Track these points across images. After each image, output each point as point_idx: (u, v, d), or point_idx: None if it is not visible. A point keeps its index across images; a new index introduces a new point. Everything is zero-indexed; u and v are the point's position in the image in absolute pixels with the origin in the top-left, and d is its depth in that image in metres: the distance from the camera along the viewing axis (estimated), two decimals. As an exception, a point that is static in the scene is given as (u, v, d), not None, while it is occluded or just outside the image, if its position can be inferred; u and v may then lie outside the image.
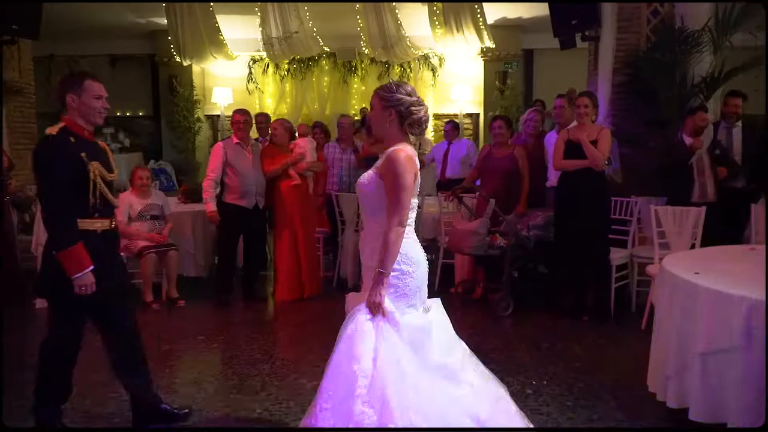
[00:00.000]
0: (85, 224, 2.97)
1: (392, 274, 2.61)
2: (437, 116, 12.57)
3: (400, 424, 2.38)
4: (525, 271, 5.92)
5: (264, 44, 10.60)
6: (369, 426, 2.38)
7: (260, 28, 10.36)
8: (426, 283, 2.77)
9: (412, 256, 2.68)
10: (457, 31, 10.35)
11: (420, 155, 9.49)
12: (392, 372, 2.45)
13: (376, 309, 2.56)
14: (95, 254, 2.96)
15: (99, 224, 3.03)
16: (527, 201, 5.77)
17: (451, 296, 6.01)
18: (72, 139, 2.98)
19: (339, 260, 6.52)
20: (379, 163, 2.71)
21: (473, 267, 6.01)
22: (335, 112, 10.85)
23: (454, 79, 12.19)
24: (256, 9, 10.11)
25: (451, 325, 2.84)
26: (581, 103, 5.15)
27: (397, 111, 2.68)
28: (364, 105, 12.01)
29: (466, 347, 2.88)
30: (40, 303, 5.73)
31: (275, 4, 9.98)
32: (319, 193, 6.67)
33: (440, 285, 6.27)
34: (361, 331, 2.53)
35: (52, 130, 3.00)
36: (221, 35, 10.87)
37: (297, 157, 5.88)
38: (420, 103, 2.70)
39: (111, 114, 13.99)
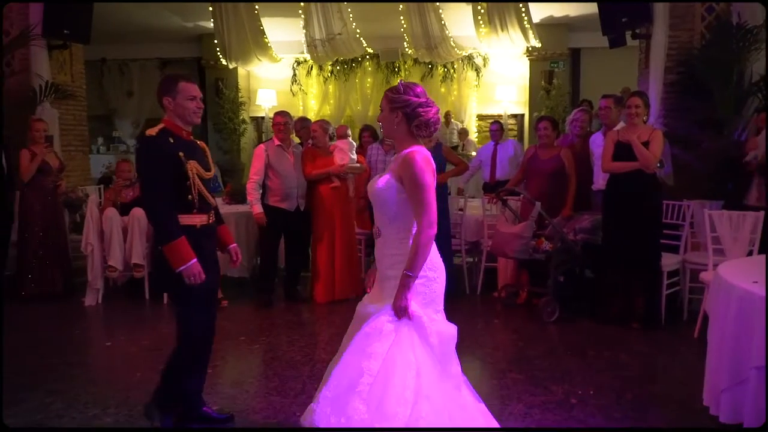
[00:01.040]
0: (185, 220, 3.05)
1: (418, 281, 2.56)
2: (481, 117, 12.47)
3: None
4: (571, 275, 5.76)
5: (307, 46, 10.66)
6: (359, 422, 2.37)
7: (304, 30, 10.41)
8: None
9: (435, 262, 2.65)
10: (502, 30, 10.20)
11: (464, 156, 9.36)
12: (402, 376, 2.42)
13: (402, 313, 2.52)
14: (196, 249, 3.04)
15: (198, 220, 3.11)
16: (574, 204, 5.62)
17: (493, 301, 5.91)
18: (171, 140, 3.07)
19: (380, 262, 6.47)
20: (393, 166, 2.65)
21: (517, 271, 5.89)
22: (378, 114, 10.82)
23: (498, 79, 12.05)
24: (300, 11, 10.17)
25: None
26: (632, 104, 4.98)
27: (404, 113, 2.61)
28: (407, 106, 11.95)
29: None
30: (89, 300, 5.88)
31: (318, 5, 10.02)
32: (362, 195, 6.63)
33: (483, 289, 6.18)
34: (379, 331, 2.51)
35: (152, 131, 3.08)
36: (266, 38, 10.98)
37: (340, 169, 5.85)
38: (429, 104, 2.63)
39: (159, 116, 14.39)
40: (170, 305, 5.78)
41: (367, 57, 12.10)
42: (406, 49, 11.35)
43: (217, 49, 11.10)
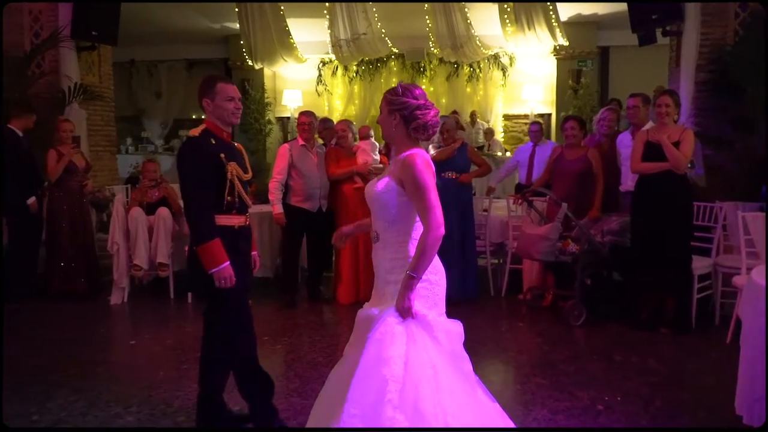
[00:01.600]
0: (224, 220, 3.06)
1: (421, 284, 2.52)
2: (507, 117, 12.35)
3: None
4: (598, 278, 5.65)
5: (332, 46, 10.67)
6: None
7: (329, 31, 10.42)
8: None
9: (437, 265, 2.60)
10: (529, 29, 10.08)
11: (489, 157, 9.26)
12: (425, 376, 2.37)
13: (406, 313, 2.48)
14: (234, 249, 3.05)
15: (236, 221, 3.13)
16: (601, 205, 5.51)
17: (518, 303, 5.82)
18: (212, 141, 3.09)
19: (404, 263, 6.42)
20: (392, 168, 2.61)
21: (543, 273, 5.80)
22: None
23: (525, 78, 11.93)
24: (325, 11, 10.17)
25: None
26: (662, 102, 4.86)
27: (401, 115, 2.57)
28: (432, 106, 11.89)
29: None
30: (114, 299, 5.93)
31: (343, 5, 10.01)
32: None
33: (508, 291, 6.09)
34: (391, 334, 2.43)
35: (195, 132, 3.10)
36: (291, 38, 11.01)
37: (364, 168, 5.82)
38: (427, 107, 2.58)
39: (187, 116, 14.58)
40: (195, 304, 5.83)
41: (393, 57, 12.07)
42: (432, 49, 11.29)
43: (243, 50, 11.16)
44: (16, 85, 6.86)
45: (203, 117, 3.23)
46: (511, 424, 2.64)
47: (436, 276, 2.59)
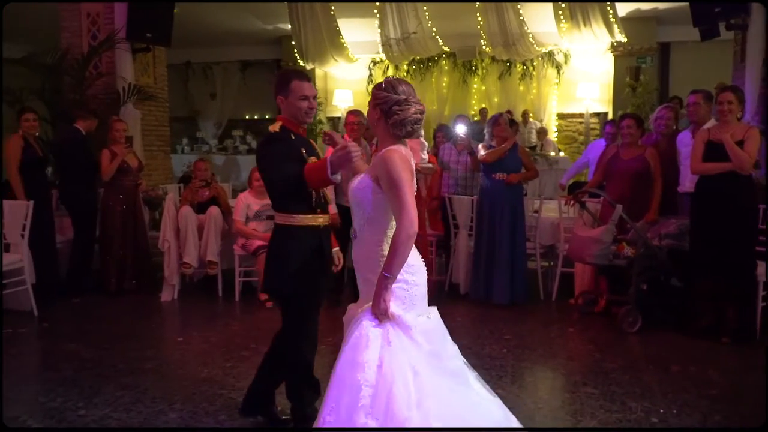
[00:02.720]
0: (309, 220, 3.01)
1: (397, 285, 2.45)
2: (561, 116, 12.09)
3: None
4: (655, 283, 5.41)
5: (383, 46, 10.64)
6: None
7: (379, 30, 10.39)
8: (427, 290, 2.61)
9: (413, 264, 2.51)
10: (585, 25, 9.82)
11: (542, 157, 9.03)
12: (401, 379, 2.31)
13: (383, 316, 2.41)
14: (320, 250, 3.00)
15: (321, 219, 3.06)
16: (659, 207, 5.27)
17: (569, 308, 5.63)
18: (292, 137, 3.04)
19: (451, 265, 6.32)
20: (371, 165, 2.57)
21: (595, 277, 5.59)
22: (454, 113, 10.67)
23: (580, 76, 11.64)
24: (375, 11, 10.15)
25: (447, 335, 2.65)
26: (724, 99, 4.61)
27: (381, 109, 2.53)
28: (484, 105, 11.76)
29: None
30: (165, 296, 6.03)
31: (393, 4, 9.97)
32: (434, 196, 6.50)
33: (558, 295, 5.91)
34: (366, 338, 2.38)
35: (274, 128, 3.06)
36: (342, 38, 11.03)
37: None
38: (407, 102, 2.51)
39: (240, 117, 14.89)
40: (242, 303, 5.88)
41: (443, 56, 11.96)
42: (483, 47, 11.13)
43: (295, 50, 11.25)
44: (75, 86, 7.09)
45: (255, 117, 3.20)
46: (513, 421, 2.54)
47: (413, 276, 2.50)
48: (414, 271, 2.51)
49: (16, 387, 3.87)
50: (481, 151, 5.81)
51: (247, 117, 14.25)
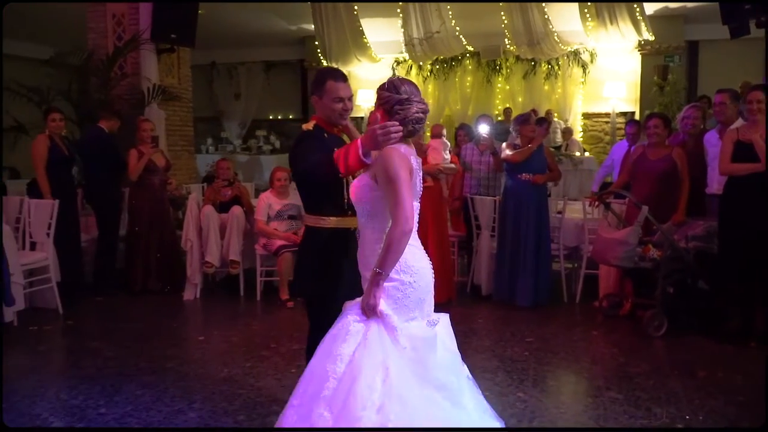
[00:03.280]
0: (340, 223, 2.93)
1: (391, 284, 2.41)
2: (586, 116, 11.95)
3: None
4: (682, 286, 5.30)
5: (406, 45, 10.61)
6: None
7: (402, 30, 10.37)
8: (431, 294, 2.56)
9: (412, 265, 2.46)
10: (611, 23, 9.69)
11: (567, 157, 8.90)
12: (368, 378, 2.27)
13: (371, 312, 2.38)
14: (347, 252, 2.88)
15: (351, 222, 2.91)
16: (686, 208, 5.16)
17: (593, 311, 5.55)
18: (325, 135, 2.99)
19: (473, 266, 6.26)
20: (373, 164, 2.53)
21: (620, 280, 5.50)
22: (478, 113, 10.60)
23: (606, 75, 11.49)
24: (398, 10, 10.13)
25: (455, 344, 2.60)
26: (753, 98, 4.50)
27: (384, 109, 2.51)
28: (508, 105, 11.66)
29: (467, 371, 2.64)
30: (187, 295, 6.06)
31: (417, 4, 9.93)
32: (455, 196, 6.45)
33: (582, 298, 5.82)
34: (346, 331, 2.38)
35: (307, 126, 3.03)
36: (365, 38, 11.03)
37: (433, 168, 5.69)
38: (409, 101, 2.49)
39: (264, 117, 14.99)
40: (264, 303, 5.89)
41: (467, 55, 11.88)
42: (508, 46, 11.03)
43: (319, 50, 11.27)
44: (101, 86, 7.17)
45: (279, 117, 3.18)
46: None
47: (411, 277, 2.45)
48: (412, 273, 2.46)
49: (41, 384, 3.92)
50: (507, 151, 5.74)
51: (270, 117, 14.32)
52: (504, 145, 5.92)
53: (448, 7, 10.03)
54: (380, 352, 2.33)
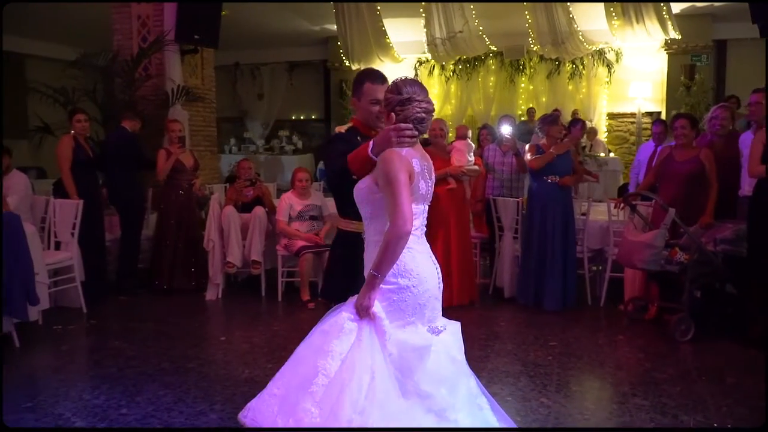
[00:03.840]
0: None
1: (387, 286, 2.38)
2: (611, 116, 11.80)
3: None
4: (709, 290, 5.19)
5: (428, 45, 10.56)
6: (309, 425, 2.22)
7: (425, 29, 10.32)
8: (435, 300, 2.49)
9: (411, 269, 2.41)
10: (637, 22, 9.55)
11: (592, 158, 8.77)
12: (358, 380, 2.24)
13: (364, 312, 2.35)
14: None
15: None
16: (714, 211, 5.05)
17: (618, 314, 5.45)
18: (359, 138, 2.93)
19: (496, 268, 6.19)
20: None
21: (646, 283, 5.40)
22: (500, 113, 10.52)
23: (632, 75, 11.34)
24: (421, 10, 10.09)
25: (462, 354, 2.52)
26: (786, 99, 4.38)
27: (387, 110, 2.50)
28: (531, 105, 11.55)
29: (475, 386, 2.53)
30: (209, 295, 6.09)
31: (440, 4, 9.89)
32: (478, 198, 6.39)
33: (606, 301, 5.73)
34: (339, 329, 2.35)
35: (341, 129, 3.02)
36: (387, 38, 11.00)
37: (457, 170, 5.64)
38: (410, 101, 2.45)
39: (287, 117, 15.03)
40: (285, 303, 5.90)
41: (490, 55, 11.80)
42: (531, 46, 10.93)
43: (341, 51, 11.26)
44: (125, 87, 7.24)
45: (302, 117, 3.15)
46: None
47: (408, 281, 2.40)
48: (411, 277, 2.41)
49: (64, 384, 3.95)
50: (528, 155, 5.67)
51: (293, 117, 14.36)
52: (527, 147, 5.84)
53: (472, 6, 9.96)
54: (370, 355, 2.31)
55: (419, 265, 2.45)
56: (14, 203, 5.17)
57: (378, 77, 2.89)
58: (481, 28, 10.38)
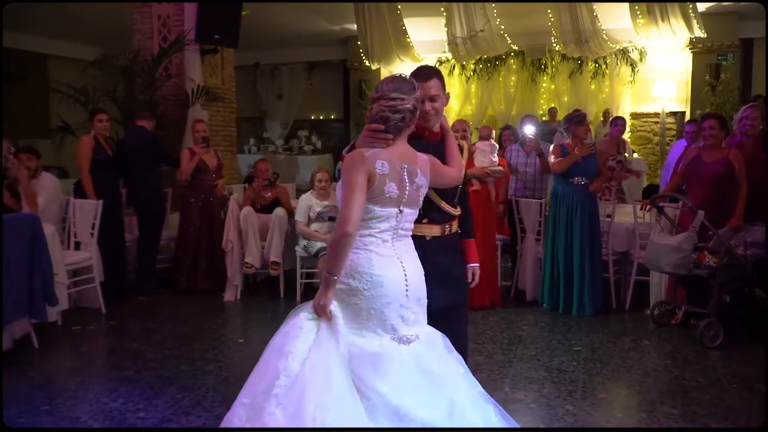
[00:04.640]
0: (417, 230, 2.64)
1: (340, 286, 2.35)
2: (635, 116, 11.62)
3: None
4: (739, 295, 5.05)
5: (449, 44, 10.48)
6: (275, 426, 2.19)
7: (445, 29, 10.24)
8: (400, 308, 2.36)
9: (364, 272, 2.34)
10: (662, 20, 9.38)
11: (615, 160, 8.60)
12: (320, 379, 2.21)
13: (321, 311, 2.33)
14: (422, 260, 2.58)
15: (427, 230, 2.71)
16: (744, 213, 4.90)
17: (644, 319, 5.32)
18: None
19: (517, 270, 6.09)
20: None
21: (673, 287, 5.26)
22: (522, 113, 10.38)
23: (656, 74, 11.16)
24: (442, 9, 10.00)
25: (444, 366, 2.39)
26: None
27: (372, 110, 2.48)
28: (553, 105, 11.41)
29: (466, 400, 2.36)
30: (228, 296, 6.05)
31: (461, 3, 9.79)
32: (500, 200, 6.28)
33: (632, 305, 5.60)
34: (298, 328, 2.33)
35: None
36: (408, 38, 10.93)
37: (481, 171, 5.53)
38: (378, 99, 2.40)
39: (306, 117, 15.03)
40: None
41: (512, 54, 11.67)
42: (554, 45, 10.79)
43: (361, 50, 11.21)
44: (146, 87, 7.24)
45: (321, 117, 3.08)
46: None
47: (360, 284, 2.34)
48: (363, 280, 2.33)
49: (82, 386, 3.93)
50: (551, 158, 5.55)
51: (312, 117, 14.35)
52: (551, 148, 5.73)
53: (493, 5, 9.85)
54: (328, 354, 2.28)
55: (376, 268, 2.35)
56: (42, 204, 5.16)
57: (422, 74, 2.66)
58: (502, 27, 10.26)
